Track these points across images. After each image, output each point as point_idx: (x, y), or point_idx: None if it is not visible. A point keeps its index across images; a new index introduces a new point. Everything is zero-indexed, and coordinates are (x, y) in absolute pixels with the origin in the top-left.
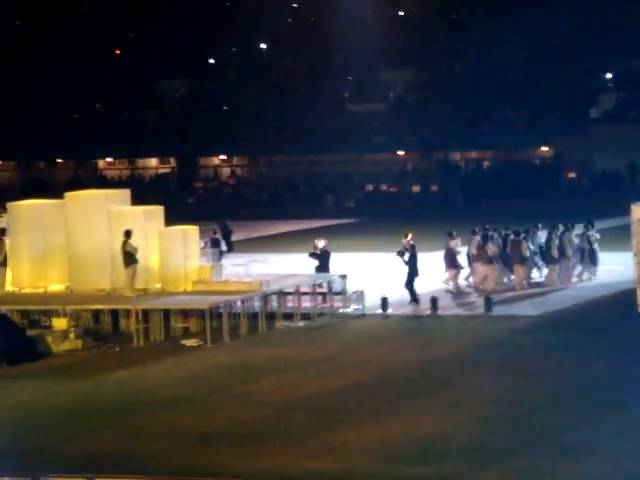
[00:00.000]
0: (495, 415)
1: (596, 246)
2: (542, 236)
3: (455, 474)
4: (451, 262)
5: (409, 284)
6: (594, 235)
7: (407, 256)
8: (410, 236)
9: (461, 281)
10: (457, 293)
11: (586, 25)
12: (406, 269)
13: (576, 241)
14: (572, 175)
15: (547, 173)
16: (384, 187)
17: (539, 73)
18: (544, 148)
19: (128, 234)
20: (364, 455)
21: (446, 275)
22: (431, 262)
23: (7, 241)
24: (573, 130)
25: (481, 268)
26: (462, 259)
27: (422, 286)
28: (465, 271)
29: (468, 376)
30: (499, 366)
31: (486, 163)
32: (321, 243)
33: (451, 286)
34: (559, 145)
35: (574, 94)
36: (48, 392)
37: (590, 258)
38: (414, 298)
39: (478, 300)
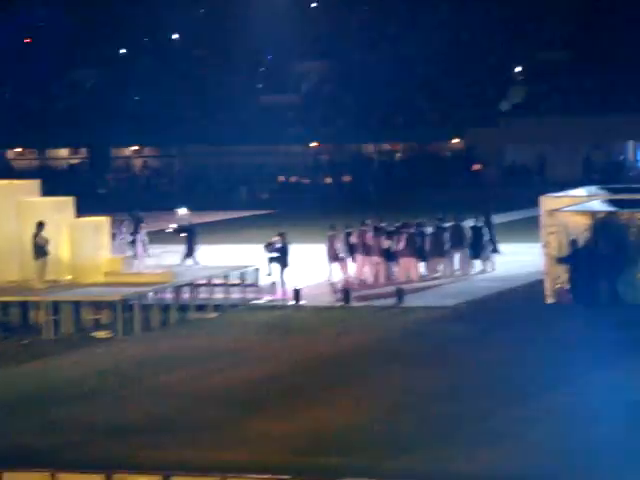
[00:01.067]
0: (405, 406)
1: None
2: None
3: (366, 465)
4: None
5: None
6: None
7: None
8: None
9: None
10: (367, 284)
11: (497, 18)
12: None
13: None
14: (477, 167)
15: (458, 165)
16: (296, 179)
17: (450, 65)
18: (455, 140)
19: (40, 226)
20: (276, 446)
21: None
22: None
23: None
24: (484, 122)
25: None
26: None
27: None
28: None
29: (380, 367)
30: (410, 357)
31: (398, 155)
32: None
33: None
34: (470, 137)
35: (485, 87)
36: None
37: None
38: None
39: (389, 291)
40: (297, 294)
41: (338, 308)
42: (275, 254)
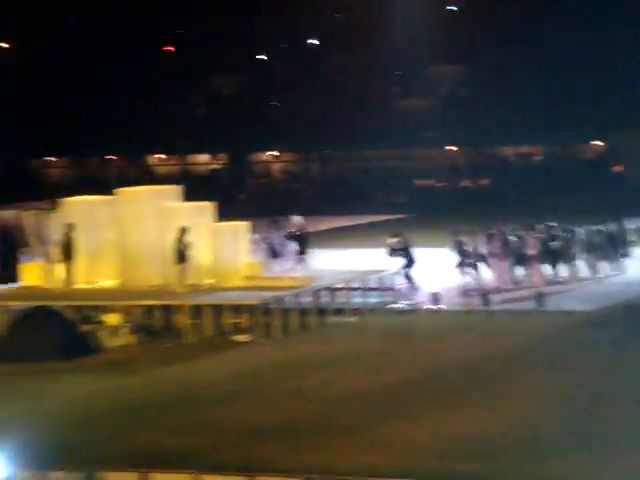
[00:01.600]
0: (546, 410)
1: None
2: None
3: (507, 470)
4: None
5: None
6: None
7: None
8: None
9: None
10: (507, 288)
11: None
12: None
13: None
14: (618, 168)
15: (599, 167)
16: (433, 182)
17: (592, 65)
18: (597, 142)
19: (183, 231)
20: (415, 450)
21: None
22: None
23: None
24: (626, 124)
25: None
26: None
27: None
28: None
29: (521, 371)
30: (549, 361)
31: (538, 158)
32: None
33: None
34: (613, 139)
35: (629, 87)
36: (100, 387)
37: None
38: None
39: (529, 295)
40: (436, 297)
41: (478, 312)
42: (399, 254)
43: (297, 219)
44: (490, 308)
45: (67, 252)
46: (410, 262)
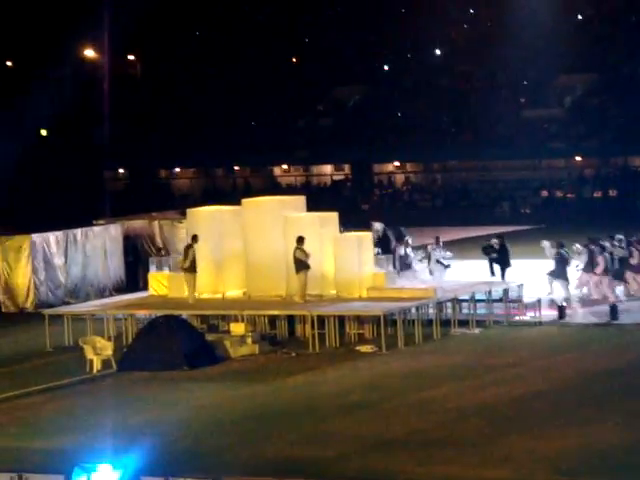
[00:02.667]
0: None
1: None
2: None
3: None
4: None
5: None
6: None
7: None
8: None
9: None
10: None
11: None
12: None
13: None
14: None
15: None
16: (560, 193)
17: None
18: None
19: (300, 240)
20: (542, 465)
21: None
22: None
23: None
24: None
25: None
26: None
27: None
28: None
29: None
30: None
31: None
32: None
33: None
34: None
35: None
36: (227, 396)
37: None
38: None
39: None
40: (561, 310)
41: (604, 325)
42: (494, 255)
43: (377, 225)
44: (618, 322)
45: (192, 263)
46: (505, 263)
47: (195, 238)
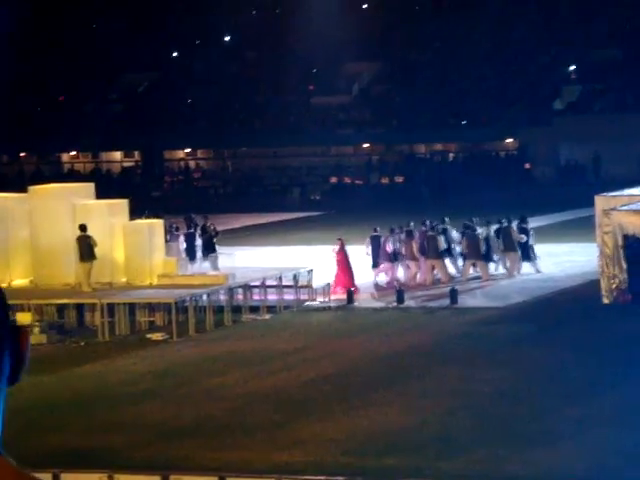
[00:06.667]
0: (461, 406)
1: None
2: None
3: (421, 466)
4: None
5: None
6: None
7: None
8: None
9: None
10: (418, 286)
11: (549, 17)
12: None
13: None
14: (529, 166)
15: (511, 165)
16: (348, 179)
17: (503, 65)
18: (509, 140)
19: (83, 228)
20: (331, 447)
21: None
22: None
23: None
24: (538, 122)
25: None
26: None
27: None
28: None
29: (434, 368)
30: (465, 358)
31: (451, 155)
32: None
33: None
34: (524, 137)
35: (538, 86)
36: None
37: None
38: None
39: (442, 292)
40: (350, 295)
41: (391, 309)
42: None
43: (198, 217)
44: (404, 305)
45: None
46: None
47: None
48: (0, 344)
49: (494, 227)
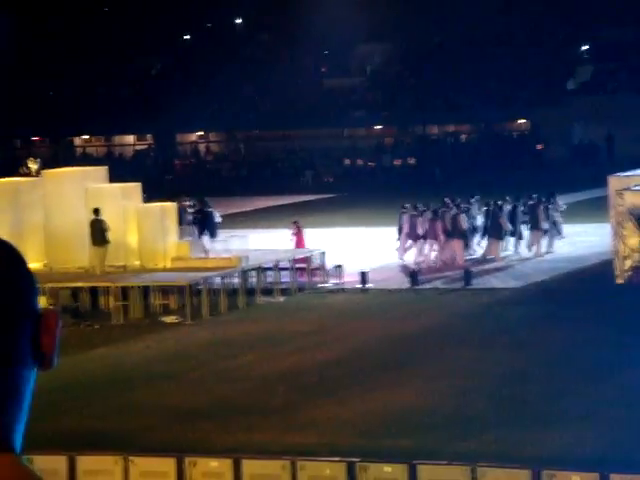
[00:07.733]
0: (475, 387)
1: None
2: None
3: (435, 447)
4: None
5: None
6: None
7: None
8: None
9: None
10: (431, 267)
11: None
12: None
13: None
14: (540, 147)
15: (524, 145)
16: (361, 162)
17: (515, 45)
18: (521, 121)
19: (97, 212)
20: (345, 429)
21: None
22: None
23: None
24: (550, 102)
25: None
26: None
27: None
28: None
29: (449, 349)
30: (480, 339)
31: (464, 136)
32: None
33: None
34: (537, 117)
35: (551, 66)
36: None
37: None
38: None
39: (456, 273)
40: (364, 277)
41: (405, 290)
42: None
43: (193, 201)
44: (418, 287)
45: None
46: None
47: None
48: (23, 327)
49: (508, 207)
